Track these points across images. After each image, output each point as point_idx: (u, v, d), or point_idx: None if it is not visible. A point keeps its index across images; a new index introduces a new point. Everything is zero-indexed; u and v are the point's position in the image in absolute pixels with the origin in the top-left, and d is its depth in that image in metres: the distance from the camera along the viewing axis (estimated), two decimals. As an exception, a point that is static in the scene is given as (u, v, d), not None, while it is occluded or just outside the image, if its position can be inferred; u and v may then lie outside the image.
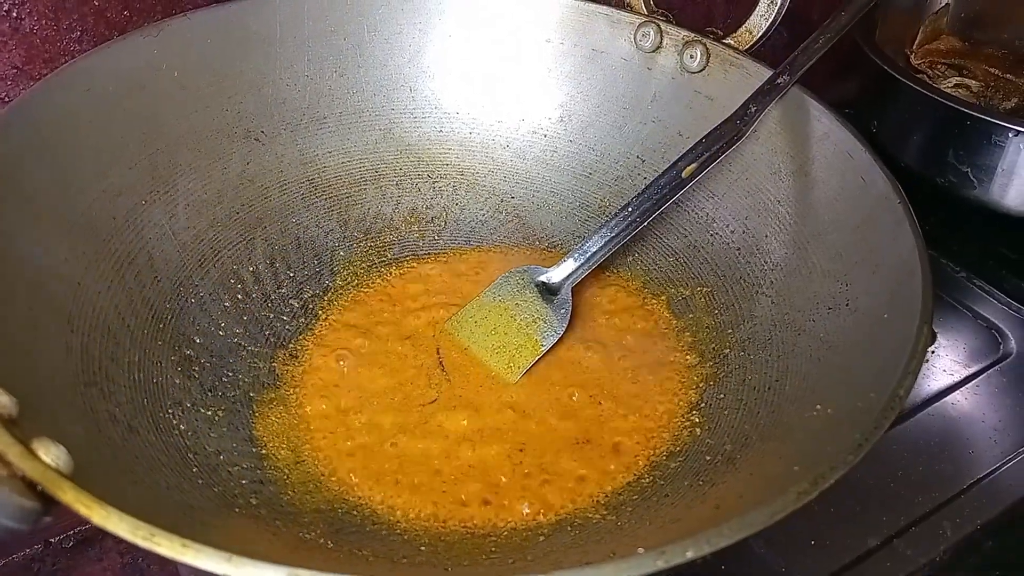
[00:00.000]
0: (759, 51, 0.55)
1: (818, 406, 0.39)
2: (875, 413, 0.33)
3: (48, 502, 0.28)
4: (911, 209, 0.43)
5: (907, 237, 0.42)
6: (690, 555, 0.27)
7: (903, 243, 0.42)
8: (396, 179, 0.59)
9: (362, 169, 0.58)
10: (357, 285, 0.54)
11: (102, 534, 0.64)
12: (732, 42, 0.54)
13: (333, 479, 0.43)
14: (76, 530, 0.63)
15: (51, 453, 0.29)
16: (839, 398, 0.39)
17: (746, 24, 0.54)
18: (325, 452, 0.44)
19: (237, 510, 0.39)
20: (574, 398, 0.48)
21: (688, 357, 0.50)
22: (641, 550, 0.27)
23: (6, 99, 0.52)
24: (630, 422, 0.46)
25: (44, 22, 0.51)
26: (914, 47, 0.79)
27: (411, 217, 0.58)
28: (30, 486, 0.28)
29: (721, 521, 0.28)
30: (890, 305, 0.40)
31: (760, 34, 0.53)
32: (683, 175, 0.49)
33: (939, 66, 0.77)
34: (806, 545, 0.47)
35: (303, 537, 0.38)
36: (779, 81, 0.50)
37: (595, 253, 0.51)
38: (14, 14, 0.50)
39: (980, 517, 0.49)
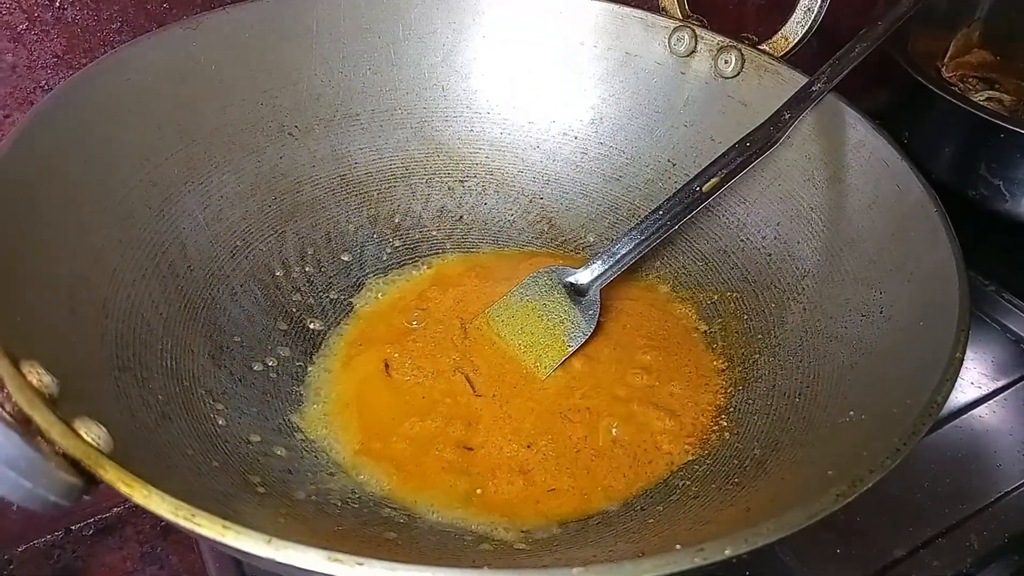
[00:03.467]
0: (791, 59, 0.55)
1: (851, 412, 0.39)
2: (912, 417, 0.32)
3: (89, 480, 0.28)
4: (947, 218, 0.43)
5: (943, 245, 0.42)
6: (728, 552, 0.27)
7: (939, 251, 0.42)
8: (426, 177, 0.59)
9: (393, 166, 0.58)
10: (386, 281, 0.55)
11: (122, 522, 0.64)
12: (767, 48, 0.54)
13: (364, 473, 0.43)
14: (96, 518, 0.63)
15: (92, 432, 0.29)
16: (872, 405, 0.38)
17: (782, 31, 0.54)
18: (355, 446, 0.44)
19: (267, 499, 0.39)
20: (601, 400, 0.48)
21: (716, 362, 0.50)
22: (678, 546, 0.27)
23: (47, 87, 0.52)
24: (657, 424, 0.46)
25: (86, 12, 0.52)
26: (945, 60, 0.78)
27: (440, 215, 0.58)
28: (72, 464, 0.28)
29: (756, 522, 0.28)
30: (925, 313, 0.40)
31: (796, 41, 0.53)
32: (715, 179, 0.49)
33: (970, 79, 0.76)
34: (831, 554, 0.47)
35: (334, 529, 0.38)
36: (814, 88, 0.50)
37: (624, 256, 0.51)
38: (57, 3, 0.51)
39: (1007, 530, 0.48)
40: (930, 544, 0.47)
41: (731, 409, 0.47)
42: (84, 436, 0.29)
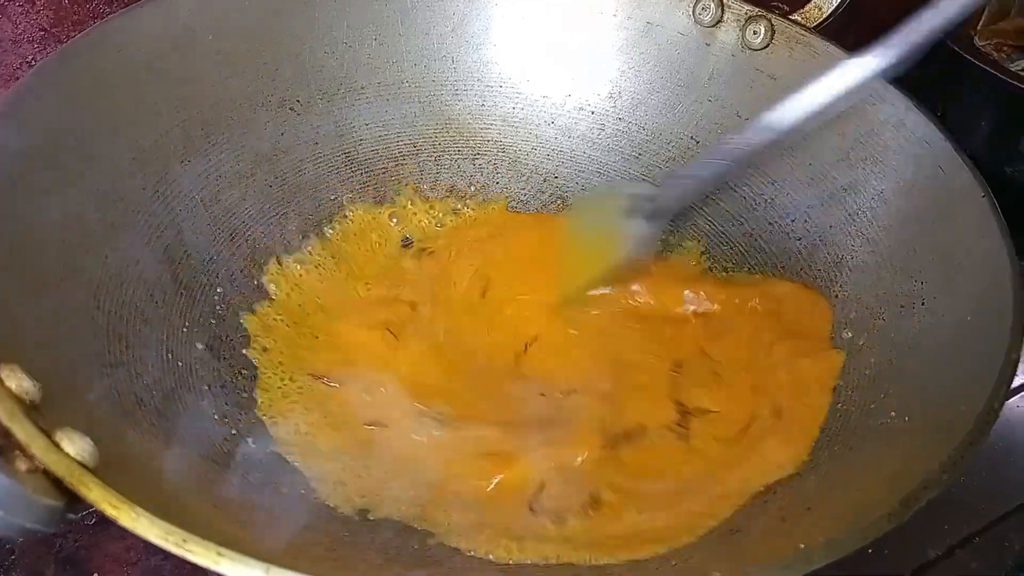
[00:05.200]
0: (825, 29, 0.52)
1: (892, 413, 0.36)
2: (967, 426, 0.30)
3: (74, 499, 0.26)
4: (996, 203, 0.40)
5: (993, 233, 0.39)
6: (773, 582, 0.25)
7: (988, 239, 0.39)
8: (435, 154, 0.56)
9: (400, 143, 0.55)
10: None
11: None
12: (799, 18, 0.51)
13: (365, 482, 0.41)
14: (98, 506, 0.62)
15: (76, 445, 0.27)
16: (915, 406, 0.36)
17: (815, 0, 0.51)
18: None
19: (268, 503, 0.37)
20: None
21: (742, 352, 0.47)
22: (717, 574, 0.24)
23: (33, 62, 0.50)
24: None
25: (73, -19, 0.49)
26: (978, 27, 0.75)
27: (450, 195, 0.56)
28: (54, 481, 0.26)
29: (791, 534, 0.26)
30: (973, 307, 0.38)
31: (831, 10, 0.50)
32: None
33: (1005, 48, 0.73)
34: (863, 554, 0.44)
35: (342, 536, 0.36)
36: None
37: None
38: (43, -29, 0.48)
39: (1048, 529, 0.46)
40: (967, 544, 0.45)
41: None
42: (67, 450, 0.26)
